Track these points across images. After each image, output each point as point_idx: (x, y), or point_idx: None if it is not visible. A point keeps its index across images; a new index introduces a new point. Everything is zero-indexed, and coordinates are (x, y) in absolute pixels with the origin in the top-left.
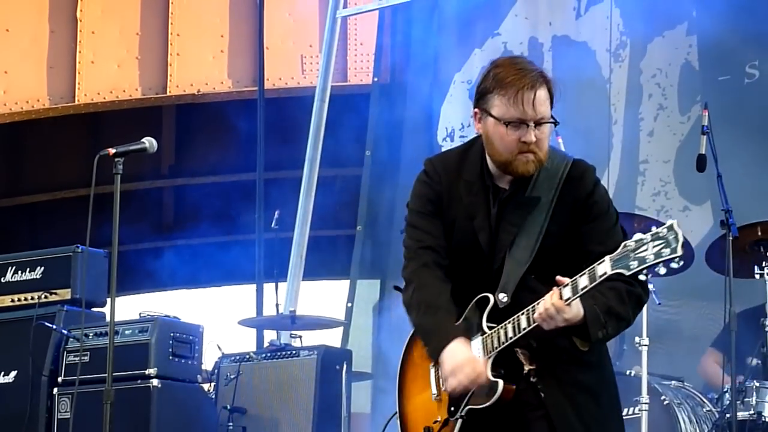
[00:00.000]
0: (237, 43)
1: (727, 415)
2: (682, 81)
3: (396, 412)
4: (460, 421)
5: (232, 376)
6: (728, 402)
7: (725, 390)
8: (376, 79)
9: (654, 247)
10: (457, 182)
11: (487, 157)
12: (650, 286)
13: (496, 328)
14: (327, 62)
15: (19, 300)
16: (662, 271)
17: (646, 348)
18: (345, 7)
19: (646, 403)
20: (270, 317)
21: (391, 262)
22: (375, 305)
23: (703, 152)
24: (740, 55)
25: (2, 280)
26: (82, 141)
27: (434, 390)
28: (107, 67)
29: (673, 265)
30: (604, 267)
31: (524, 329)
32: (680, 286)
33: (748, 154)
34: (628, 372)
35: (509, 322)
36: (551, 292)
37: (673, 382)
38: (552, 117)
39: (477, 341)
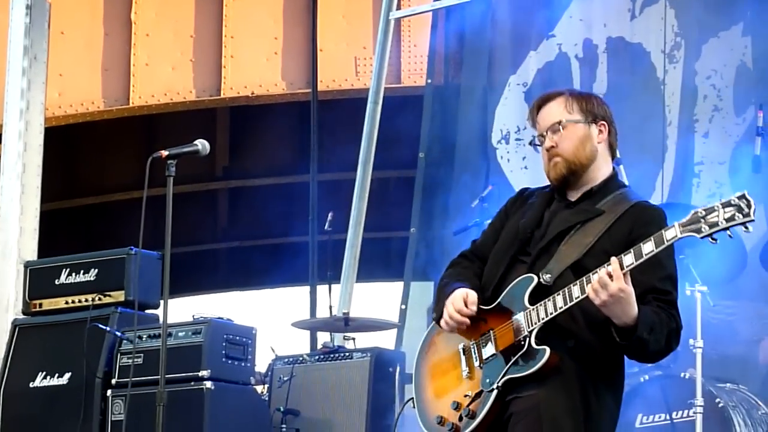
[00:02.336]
0: (290, 45)
1: None
2: (738, 82)
3: (410, 399)
4: (495, 392)
5: (285, 378)
6: None
7: None
8: (429, 81)
9: (725, 213)
10: (526, 199)
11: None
12: (704, 288)
13: (542, 301)
14: (380, 64)
15: (73, 302)
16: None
17: (700, 350)
18: (398, 8)
19: (700, 406)
20: (323, 319)
21: (445, 264)
22: (429, 307)
23: (758, 153)
24: None
25: (56, 282)
26: (137, 143)
27: (464, 367)
28: (161, 70)
29: (743, 230)
30: (673, 231)
31: (576, 298)
32: (734, 288)
33: None
34: (682, 374)
35: (559, 294)
36: (608, 263)
37: (727, 384)
38: (571, 120)
39: (520, 316)
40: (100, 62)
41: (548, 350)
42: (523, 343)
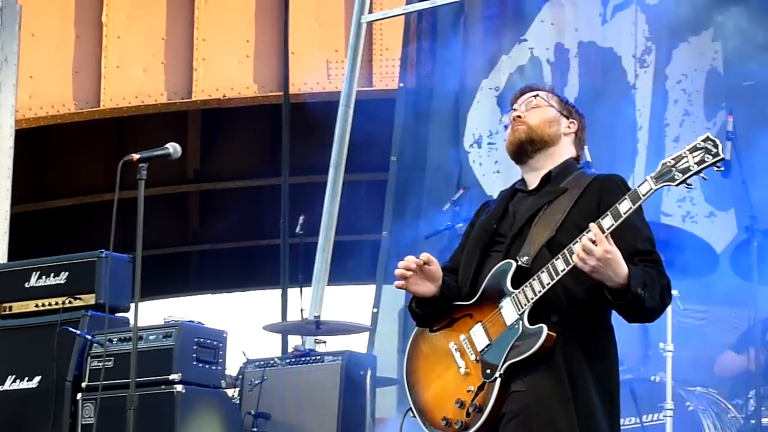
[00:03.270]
0: (262, 48)
1: (752, 421)
2: (708, 86)
3: (408, 409)
4: (499, 380)
5: (256, 382)
6: (753, 408)
7: (750, 396)
8: (401, 85)
9: (695, 157)
10: (488, 206)
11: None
12: (674, 292)
13: (527, 282)
14: (352, 67)
15: (43, 305)
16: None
17: (670, 354)
18: (370, 12)
19: (670, 409)
20: (295, 322)
21: None
22: (400, 310)
23: (728, 158)
24: (764, 61)
25: (26, 285)
26: (107, 146)
27: (461, 364)
28: (133, 72)
29: (716, 169)
30: (647, 185)
31: (563, 271)
32: (705, 291)
33: None
34: (652, 378)
35: (543, 271)
36: (587, 230)
37: (697, 388)
38: (546, 102)
39: (506, 302)
40: (70, 64)
41: (545, 328)
42: (516, 326)
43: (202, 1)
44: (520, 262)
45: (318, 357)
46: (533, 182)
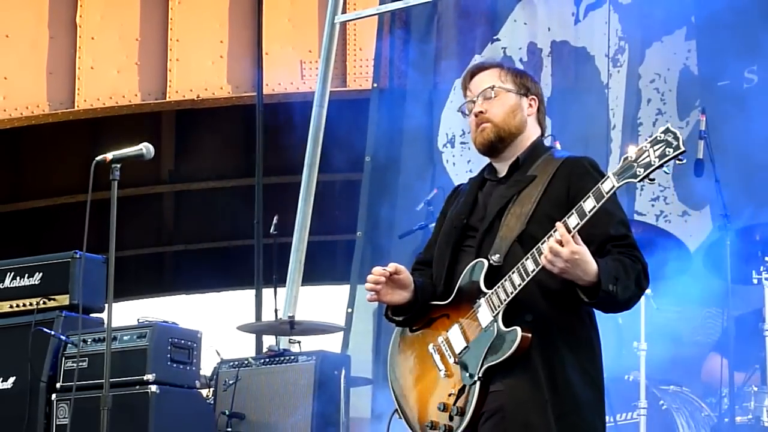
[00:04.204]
0: (236, 48)
1: (726, 420)
2: (681, 86)
3: (395, 410)
4: (478, 383)
5: (230, 382)
6: (726, 407)
7: (723, 395)
8: (375, 85)
9: (656, 150)
10: (457, 193)
11: None
12: (648, 291)
13: (499, 283)
14: (325, 67)
15: (17, 306)
16: (667, 171)
17: (644, 353)
18: (344, 12)
19: (644, 408)
20: (269, 323)
21: None
22: (375, 310)
23: (701, 157)
24: (739, 60)
25: (1, 286)
26: (82, 147)
27: (441, 367)
28: (107, 73)
29: (678, 162)
30: (610, 182)
31: (533, 272)
32: (678, 290)
33: (747, 158)
34: (626, 377)
35: (514, 272)
36: (554, 229)
37: (671, 386)
38: (504, 88)
39: (480, 303)
40: (45, 65)
41: (519, 330)
42: (491, 328)
43: (176, 2)
44: (491, 261)
45: (292, 357)
46: (502, 170)
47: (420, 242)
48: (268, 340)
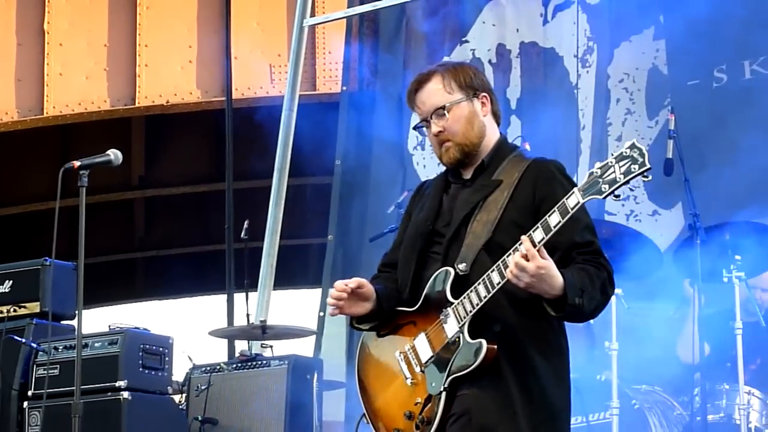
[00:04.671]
0: (205, 53)
1: (698, 418)
2: (650, 85)
3: (363, 413)
4: (444, 394)
5: (203, 387)
6: (698, 405)
7: (695, 393)
8: (344, 88)
9: (621, 167)
10: (424, 192)
11: None
12: (618, 290)
13: (465, 294)
14: (294, 71)
15: None
16: (629, 187)
17: (615, 352)
18: (312, 15)
19: (616, 408)
20: (241, 327)
21: (363, 271)
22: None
23: (670, 156)
24: (708, 60)
25: None
26: (52, 153)
27: (407, 374)
28: (75, 80)
29: (644, 179)
30: (575, 198)
31: (498, 284)
32: (650, 289)
33: (716, 157)
34: (598, 376)
35: (479, 283)
36: (519, 242)
37: (643, 386)
38: (454, 100)
39: (447, 313)
40: (13, 72)
41: (484, 343)
42: (457, 340)
43: (144, 8)
44: (457, 269)
45: (264, 362)
46: (467, 173)
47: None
48: (240, 345)
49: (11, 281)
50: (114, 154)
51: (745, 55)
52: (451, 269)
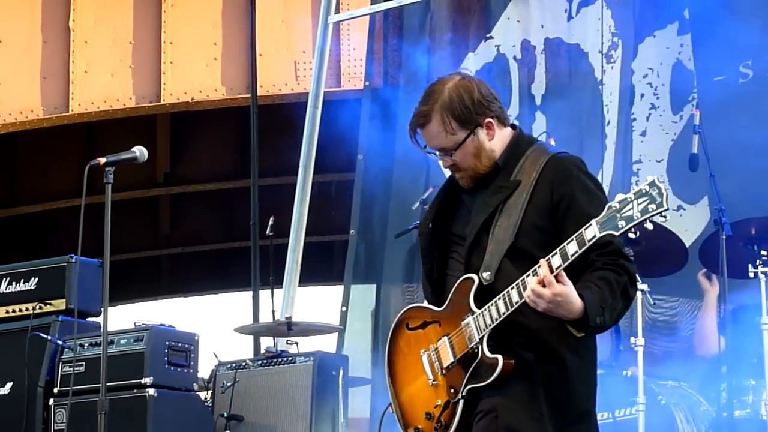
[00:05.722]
0: (230, 50)
1: (724, 414)
2: (674, 80)
3: (389, 403)
4: (462, 401)
5: (228, 384)
6: (725, 401)
7: (722, 389)
8: (367, 83)
9: (639, 204)
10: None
11: None
12: (644, 286)
13: (486, 306)
14: (319, 68)
15: (13, 311)
16: (649, 226)
17: (641, 348)
18: (337, 12)
19: (642, 404)
20: (266, 324)
21: (386, 266)
22: (372, 310)
23: (695, 152)
24: (734, 55)
25: None
26: (77, 151)
27: (429, 375)
28: (101, 77)
29: (660, 219)
30: (592, 230)
31: (516, 303)
32: (675, 285)
33: (742, 152)
34: (624, 372)
35: (500, 298)
36: (538, 265)
37: (669, 382)
38: (457, 143)
39: (469, 321)
40: (38, 70)
41: (501, 360)
42: (476, 350)
43: (169, 5)
44: (482, 279)
45: (290, 358)
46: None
47: (416, 241)
48: (266, 342)
49: (37, 278)
50: (139, 151)
51: None
52: (475, 277)
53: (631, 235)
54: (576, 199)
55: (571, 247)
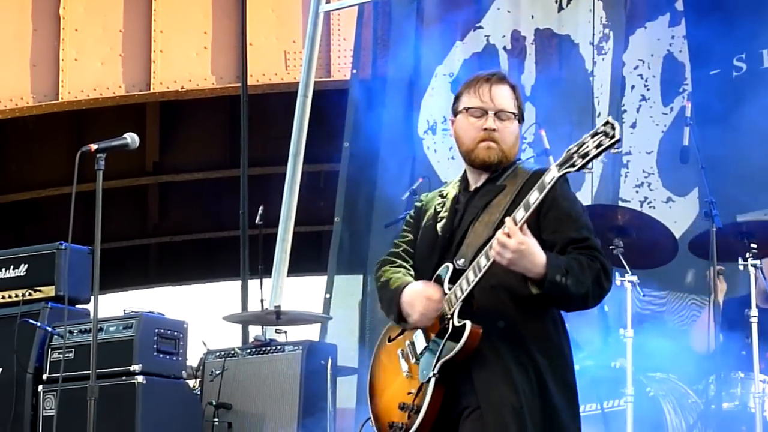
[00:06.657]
0: (220, 39)
1: (713, 406)
2: (665, 72)
3: (369, 417)
4: (433, 380)
5: (217, 372)
6: (713, 393)
7: (710, 381)
8: (354, 71)
9: (594, 141)
10: (434, 199)
11: (463, 161)
12: (633, 278)
13: (457, 282)
14: (309, 57)
15: (3, 298)
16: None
17: (630, 340)
18: (327, 2)
19: (631, 395)
20: (255, 313)
21: (372, 255)
22: (360, 300)
23: (687, 144)
24: (728, 49)
25: None
26: (67, 139)
27: (405, 368)
28: (91, 65)
29: (613, 151)
30: (552, 173)
31: (484, 267)
32: (664, 277)
33: (734, 145)
34: (613, 364)
35: (468, 269)
36: (505, 221)
37: (657, 373)
38: (516, 114)
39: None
40: (28, 57)
41: (469, 323)
42: (447, 325)
43: None
44: (456, 264)
45: (278, 347)
46: (478, 180)
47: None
48: (255, 331)
49: (26, 265)
50: (131, 138)
51: (763, 43)
52: (450, 264)
53: (587, 171)
54: (558, 202)
55: (533, 196)
